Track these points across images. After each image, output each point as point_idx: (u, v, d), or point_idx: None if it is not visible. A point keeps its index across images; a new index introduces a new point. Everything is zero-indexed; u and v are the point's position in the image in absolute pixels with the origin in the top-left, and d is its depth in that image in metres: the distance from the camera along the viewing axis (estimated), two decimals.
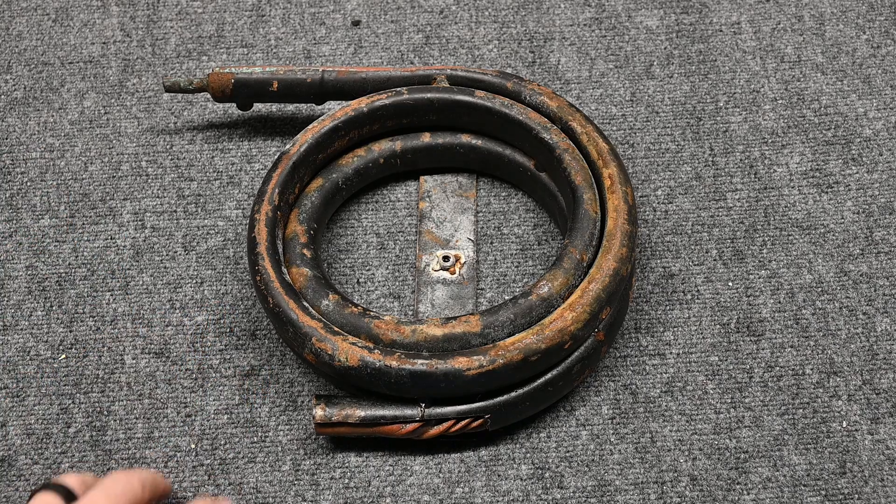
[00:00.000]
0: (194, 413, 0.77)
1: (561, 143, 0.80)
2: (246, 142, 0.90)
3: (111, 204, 0.87)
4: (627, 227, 0.75)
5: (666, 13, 0.97)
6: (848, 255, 0.83)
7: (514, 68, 0.94)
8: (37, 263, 0.84)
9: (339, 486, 0.74)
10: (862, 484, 0.73)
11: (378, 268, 0.83)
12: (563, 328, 0.71)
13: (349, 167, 0.83)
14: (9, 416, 0.77)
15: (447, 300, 0.80)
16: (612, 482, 0.73)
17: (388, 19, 0.98)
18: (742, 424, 0.75)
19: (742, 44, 0.95)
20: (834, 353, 0.78)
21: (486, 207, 0.86)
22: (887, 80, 0.92)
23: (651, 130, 0.90)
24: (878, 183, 0.86)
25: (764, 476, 0.73)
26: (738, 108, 0.91)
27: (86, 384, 0.78)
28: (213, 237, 0.85)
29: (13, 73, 0.95)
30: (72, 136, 0.91)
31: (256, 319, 0.81)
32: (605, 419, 0.76)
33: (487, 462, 0.74)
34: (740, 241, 0.84)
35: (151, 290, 0.82)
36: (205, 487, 0.74)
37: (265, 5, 0.99)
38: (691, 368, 0.78)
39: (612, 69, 0.94)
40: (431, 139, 0.85)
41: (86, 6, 0.99)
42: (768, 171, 0.87)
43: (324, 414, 0.72)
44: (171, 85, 0.87)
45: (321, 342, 0.71)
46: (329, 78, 0.85)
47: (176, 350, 0.79)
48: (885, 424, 0.75)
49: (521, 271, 0.83)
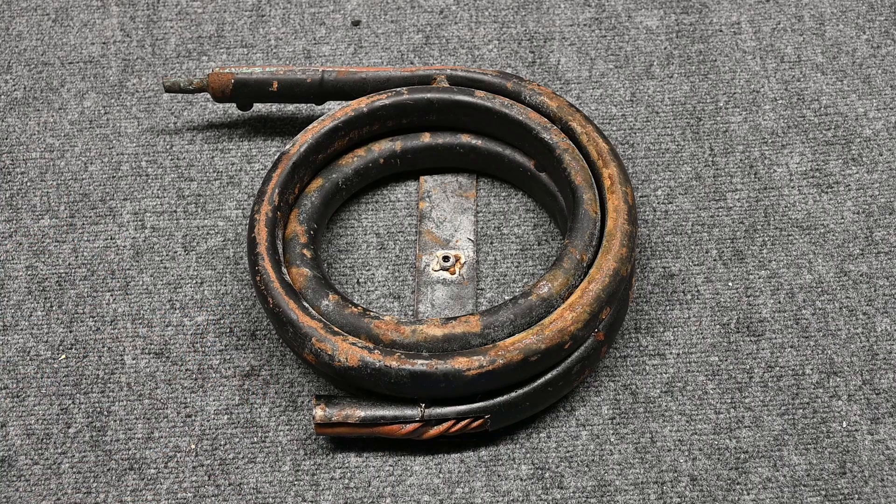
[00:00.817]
0: (194, 413, 0.77)
1: (561, 143, 0.80)
2: (246, 142, 0.90)
3: (111, 204, 0.87)
4: (627, 227, 0.75)
5: (666, 13, 0.97)
6: (848, 255, 0.83)
7: (514, 68, 0.94)
8: (37, 263, 0.84)
9: (339, 487, 0.74)
10: (862, 484, 0.73)
11: (378, 268, 0.83)
12: (563, 328, 0.71)
13: (349, 167, 0.83)
14: (9, 416, 0.77)
15: (447, 300, 0.80)
16: (612, 482, 0.73)
17: (388, 19, 0.98)
18: (742, 424, 0.75)
19: (742, 44, 0.95)
20: (834, 353, 0.78)
21: (486, 207, 0.86)
22: (887, 80, 0.92)
23: (651, 130, 0.90)
24: (878, 183, 0.86)
25: (764, 476, 0.73)
26: (738, 108, 0.91)
27: (86, 384, 0.78)
28: (213, 237, 0.85)
29: (13, 73, 0.95)
30: (72, 136, 0.91)
31: (256, 319, 0.81)
32: (605, 419, 0.76)
33: (487, 462, 0.74)
34: (740, 241, 0.84)
35: (151, 290, 0.82)
36: (205, 487, 0.74)
37: (265, 5, 0.99)
38: (691, 368, 0.78)
39: (612, 69, 0.94)
40: (431, 139, 0.85)
41: (86, 6, 0.99)
42: (768, 171, 0.87)
43: (324, 414, 0.72)
44: (171, 85, 0.87)
45: (321, 342, 0.71)
46: (329, 78, 0.85)
47: (176, 350, 0.79)
48: (885, 424, 0.75)
49: (521, 271, 0.83)
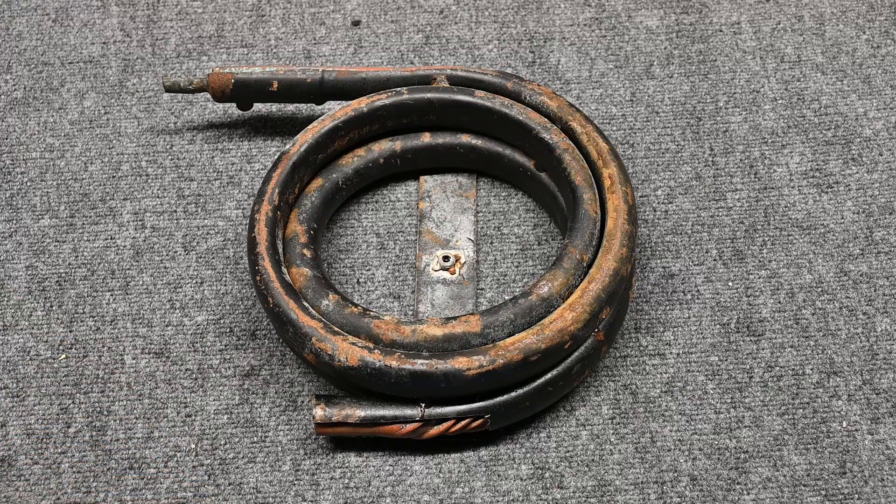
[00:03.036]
0: (194, 413, 0.77)
1: (561, 142, 0.80)
2: (246, 142, 0.90)
3: (111, 204, 0.87)
4: (627, 227, 0.75)
5: (666, 13, 0.97)
6: (848, 255, 0.83)
7: (514, 68, 0.94)
8: (37, 263, 0.84)
9: (339, 486, 0.74)
10: (862, 484, 0.73)
11: (378, 268, 0.83)
12: (563, 328, 0.71)
13: (349, 167, 0.83)
14: (9, 416, 0.77)
15: (447, 300, 0.80)
16: (612, 482, 0.73)
17: (388, 19, 0.98)
18: (742, 424, 0.75)
19: (742, 44, 0.95)
20: (834, 353, 0.78)
21: (486, 207, 0.86)
22: (887, 80, 0.92)
23: (651, 130, 0.90)
24: (878, 183, 0.86)
25: (764, 476, 0.73)
26: (738, 108, 0.91)
27: (86, 384, 0.78)
28: (213, 237, 0.85)
29: (13, 73, 0.95)
30: (72, 136, 0.91)
31: (256, 319, 0.81)
32: (605, 419, 0.76)
33: (487, 462, 0.74)
34: (740, 241, 0.84)
35: (151, 290, 0.82)
36: (205, 487, 0.74)
37: (265, 5, 0.99)
38: (691, 368, 0.78)
39: (612, 69, 0.94)
40: (431, 139, 0.85)
41: (86, 6, 0.99)
42: (768, 171, 0.87)
43: (324, 414, 0.72)
44: (172, 85, 0.87)
45: (321, 342, 0.71)
46: (329, 78, 0.85)
47: (176, 350, 0.79)
48: (885, 424, 0.75)
49: (521, 271, 0.83)
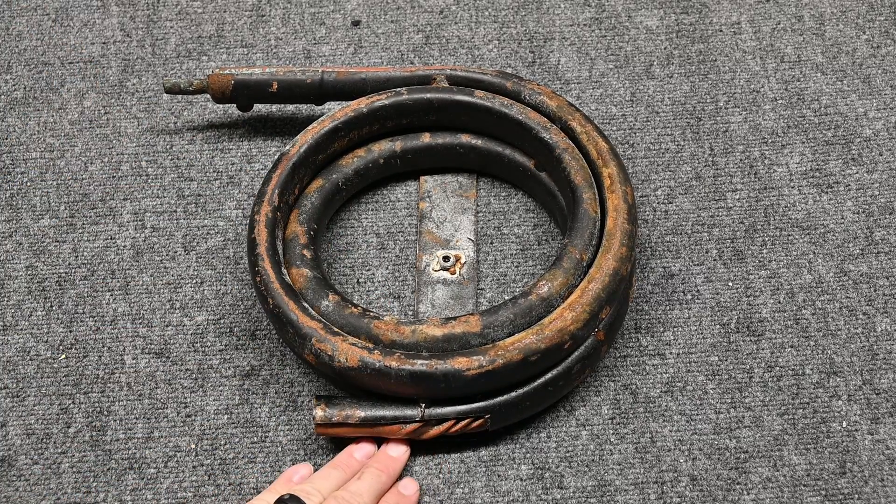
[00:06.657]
0: (194, 413, 0.77)
1: (561, 142, 0.80)
2: (246, 142, 0.90)
3: (111, 204, 0.87)
4: (627, 227, 0.75)
5: (666, 13, 0.97)
6: (848, 255, 0.83)
7: (514, 68, 0.94)
8: (37, 263, 0.84)
9: None
10: (862, 484, 0.73)
11: (378, 268, 0.83)
12: (562, 328, 0.71)
13: (349, 168, 0.83)
14: (9, 416, 0.77)
15: (447, 300, 0.80)
16: (612, 482, 0.73)
17: (388, 19, 0.98)
18: (742, 424, 0.75)
19: (742, 44, 0.95)
20: (834, 353, 0.78)
21: (486, 207, 0.86)
22: (887, 80, 0.92)
23: (651, 130, 0.90)
24: (878, 183, 0.86)
25: (764, 476, 0.73)
26: (738, 108, 0.91)
27: (86, 384, 0.78)
28: (213, 237, 0.85)
29: (13, 73, 0.95)
30: (72, 136, 0.91)
31: (256, 319, 0.81)
32: (605, 419, 0.76)
33: (487, 462, 0.74)
34: (740, 241, 0.84)
35: (151, 290, 0.82)
36: (205, 487, 0.74)
37: (265, 5, 0.99)
38: (691, 368, 0.78)
39: (612, 69, 0.94)
40: (431, 139, 0.85)
41: (86, 6, 0.99)
42: (768, 171, 0.87)
43: (324, 414, 0.72)
44: (172, 86, 0.87)
45: (321, 343, 0.71)
46: (329, 78, 0.85)
47: (176, 350, 0.79)
48: (885, 424, 0.75)
49: (521, 271, 0.83)
